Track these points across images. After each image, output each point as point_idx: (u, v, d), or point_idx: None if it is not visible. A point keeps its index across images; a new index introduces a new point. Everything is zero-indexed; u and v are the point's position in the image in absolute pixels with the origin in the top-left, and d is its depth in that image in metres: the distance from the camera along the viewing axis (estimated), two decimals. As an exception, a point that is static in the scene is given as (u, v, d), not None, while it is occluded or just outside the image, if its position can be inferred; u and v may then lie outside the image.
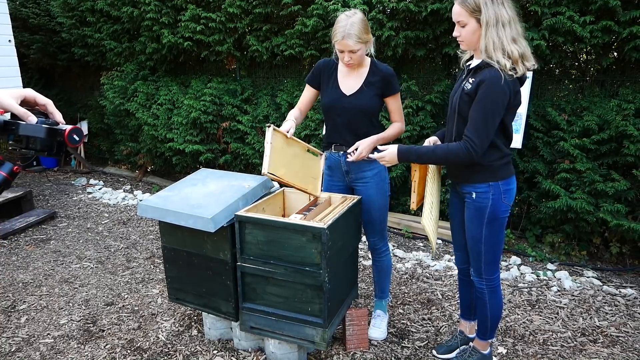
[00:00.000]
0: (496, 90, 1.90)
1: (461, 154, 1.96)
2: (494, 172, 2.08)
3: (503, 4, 1.91)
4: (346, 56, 2.37)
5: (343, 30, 2.30)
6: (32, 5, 6.70)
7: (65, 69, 7.26)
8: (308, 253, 2.19)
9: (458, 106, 2.06)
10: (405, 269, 3.70)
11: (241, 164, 5.43)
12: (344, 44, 2.31)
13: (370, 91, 2.46)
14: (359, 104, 2.47)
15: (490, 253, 2.16)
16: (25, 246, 4.23)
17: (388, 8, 3.98)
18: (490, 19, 1.89)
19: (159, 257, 3.96)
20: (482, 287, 2.25)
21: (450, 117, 2.15)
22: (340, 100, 2.50)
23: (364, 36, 2.33)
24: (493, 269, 2.21)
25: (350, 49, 2.33)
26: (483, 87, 1.92)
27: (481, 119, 1.93)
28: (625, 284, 3.43)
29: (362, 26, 2.32)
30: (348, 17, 2.32)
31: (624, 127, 3.36)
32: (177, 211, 2.39)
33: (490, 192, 2.08)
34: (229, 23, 4.97)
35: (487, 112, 1.92)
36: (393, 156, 2.13)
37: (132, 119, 5.96)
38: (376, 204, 2.62)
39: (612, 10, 3.34)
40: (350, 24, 2.29)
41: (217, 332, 2.71)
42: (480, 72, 1.97)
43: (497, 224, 2.12)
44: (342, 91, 2.50)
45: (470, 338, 2.57)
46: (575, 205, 3.48)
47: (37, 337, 2.81)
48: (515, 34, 1.93)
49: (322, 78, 2.59)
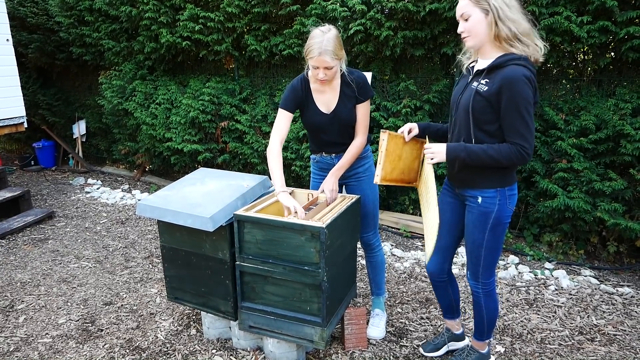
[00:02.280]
0: (522, 87, 1.85)
1: (514, 158, 1.91)
2: (503, 179, 2.05)
3: None
4: (321, 72, 2.33)
5: (319, 47, 2.26)
6: (30, 4, 6.68)
7: (64, 68, 7.25)
8: (307, 252, 2.19)
9: (469, 108, 1.99)
10: (403, 268, 3.71)
11: (239, 164, 5.43)
12: (321, 60, 2.27)
13: (349, 104, 2.48)
14: (341, 121, 2.49)
15: (489, 257, 2.15)
16: (23, 246, 4.23)
17: (386, 8, 3.99)
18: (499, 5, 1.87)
19: (158, 256, 3.96)
20: (478, 291, 2.24)
21: (460, 118, 2.07)
22: (322, 120, 2.51)
23: (339, 52, 2.32)
24: (490, 273, 2.20)
25: (326, 65, 2.30)
26: (507, 88, 1.87)
27: (521, 121, 1.88)
28: (623, 283, 3.44)
29: (337, 42, 2.30)
30: (323, 33, 2.29)
31: (621, 126, 3.38)
32: (176, 210, 2.39)
33: (497, 198, 2.06)
34: (228, 22, 4.97)
35: (522, 112, 1.88)
36: (442, 152, 2.03)
37: (130, 119, 5.95)
38: (369, 197, 2.67)
39: (609, 11, 3.36)
40: (326, 40, 2.26)
41: (215, 331, 2.72)
42: (498, 71, 1.91)
43: (500, 229, 2.10)
44: (321, 111, 2.51)
45: (456, 334, 2.57)
46: (572, 205, 3.49)
47: (36, 336, 2.81)
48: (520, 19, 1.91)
49: (297, 102, 2.52)
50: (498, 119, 1.96)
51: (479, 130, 2.01)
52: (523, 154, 1.90)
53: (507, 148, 1.92)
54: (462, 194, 2.17)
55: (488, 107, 1.95)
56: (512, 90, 1.86)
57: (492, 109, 1.95)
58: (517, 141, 1.90)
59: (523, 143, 1.89)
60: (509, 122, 1.90)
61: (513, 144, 1.91)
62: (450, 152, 2.00)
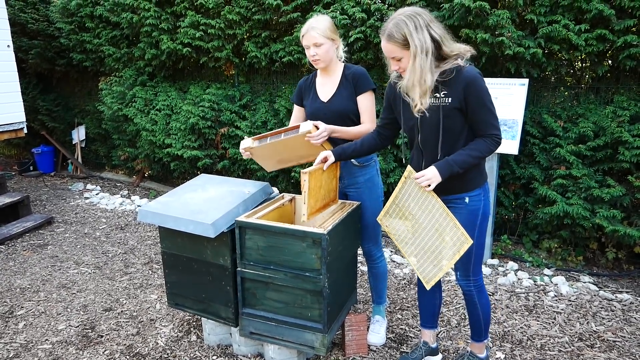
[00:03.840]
0: (482, 83, 1.98)
1: (493, 147, 2.03)
2: (482, 175, 2.18)
3: (428, 27, 1.94)
4: (311, 50, 2.47)
5: (308, 25, 2.46)
6: (31, 10, 6.71)
7: (64, 74, 7.26)
8: (308, 258, 2.20)
9: (446, 126, 2.03)
10: (403, 274, 3.72)
11: (239, 170, 5.44)
12: (309, 36, 2.44)
13: (344, 92, 2.54)
14: (336, 108, 2.54)
15: (478, 253, 2.23)
16: (22, 251, 4.22)
17: (386, 16, 4.02)
18: (417, 48, 1.91)
19: (157, 262, 3.96)
20: (470, 288, 2.28)
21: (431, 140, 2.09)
22: (319, 108, 2.58)
23: (329, 32, 2.45)
24: (479, 269, 2.27)
25: (315, 42, 2.43)
26: (471, 88, 1.96)
27: (489, 113, 2.00)
28: (622, 289, 3.45)
29: (327, 24, 2.46)
30: (316, 17, 2.50)
31: (619, 133, 3.40)
32: (178, 217, 2.40)
33: (482, 195, 2.17)
34: (228, 30, 5.00)
35: (488, 104, 1.99)
36: (436, 175, 2.02)
37: (130, 125, 5.96)
38: (369, 210, 2.65)
39: (607, 19, 3.40)
40: (315, 20, 2.47)
41: (216, 337, 2.72)
42: (450, 81, 1.98)
43: (485, 224, 2.21)
44: (320, 99, 2.60)
45: (432, 348, 2.55)
46: (571, 211, 3.51)
47: (36, 342, 2.81)
48: (451, 45, 1.98)
49: (304, 94, 2.70)
50: (465, 125, 2.05)
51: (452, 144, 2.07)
52: (497, 140, 2.03)
53: (483, 142, 2.03)
54: (447, 198, 2.17)
55: (458, 115, 2.03)
56: (475, 89, 1.96)
57: (461, 114, 2.03)
58: (491, 132, 2.01)
59: (495, 132, 2.02)
60: (482, 119, 2.01)
61: (488, 136, 2.02)
62: (443, 171, 2.03)
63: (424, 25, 1.93)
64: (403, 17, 1.95)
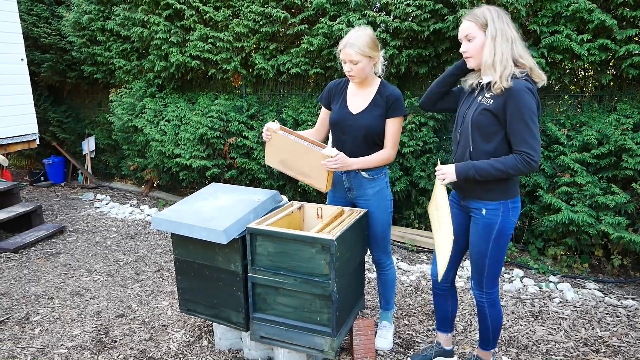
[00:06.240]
0: (526, 98, 1.96)
1: (521, 167, 1.98)
2: (506, 191, 2.13)
3: (508, 25, 2.03)
4: (347, 66, 2.44)
5: (347, 40, 2.40)
6: (43, 24, 6.87)
7: (74, 86, 7.41)
8: (317, 264, 2.26)
9: (475, 121, 2.09)
10: (410, 281, 3.76)
11: (247, 179, 5.52)
12: (345, 52, 2.40)
13: (376, 111, 2.51)
14: (364, 123, 2.51)
15: (493, 267, 2.22)
16: (36, 259, 4.31)
17: (391, 28, 4.11)
18: (497, 32, 2.00)
19: (167, 270, 4.03)
20: (482, 300, 2.30)
21: (464, 133, 2.16)
22: (346, 118, 2.56)
23: (367, 50, 2.38)
24: (494, 283, 2.27)
25: (351, 59, 2.40)
26: (512, 99, 1.97)
27: (526, 129, 1.97)
28: (627, 296, 3.48)
29: (366, 40, 2.38)
30: (356, 31, 2.43)
31: (623, 141, 3.45)
32: (190, 224, 2.47)
33: (500, 210, 2.13)
34: (236, 42, 5.11)
35: (527, 120, 1.96)
36: (452, 172, 2.11)
37: (139, 135, 6.07)
38: (378, 221, 2.67)
39: (609, 29, 3.46)
40: (355, 35, 2.40)
41: (227, 342, 2.78)
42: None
43: (503, 240, 2.18)
44: (349, 109, 2.57)
45: (446, 350, 2.60)
46: (576, 218, 3.54)
47: (52, 347, 2.87)
48: (521, 51, 2.04)
49: (332, 98, 2.67)
50: (501, 131, 2.05)
51: (481, 142, 2.10)
52: (529, 161, 1.97)
53: (512, 159, 2.00)
54: (467, 205, 2.25)
55: (494, 120, 2.05)
56: (516, 101, 1.96)
57: (497, 121, 2.04)
58: (523, 149, 1.98)
59: (529, 151, 1.97)
60: (515, 131, 1.99)
61: (519, 152, 1.99)
62: (460, 172, 2.09)
63: (504, 19, 2.03)
64: (488, 6, 2.07)
